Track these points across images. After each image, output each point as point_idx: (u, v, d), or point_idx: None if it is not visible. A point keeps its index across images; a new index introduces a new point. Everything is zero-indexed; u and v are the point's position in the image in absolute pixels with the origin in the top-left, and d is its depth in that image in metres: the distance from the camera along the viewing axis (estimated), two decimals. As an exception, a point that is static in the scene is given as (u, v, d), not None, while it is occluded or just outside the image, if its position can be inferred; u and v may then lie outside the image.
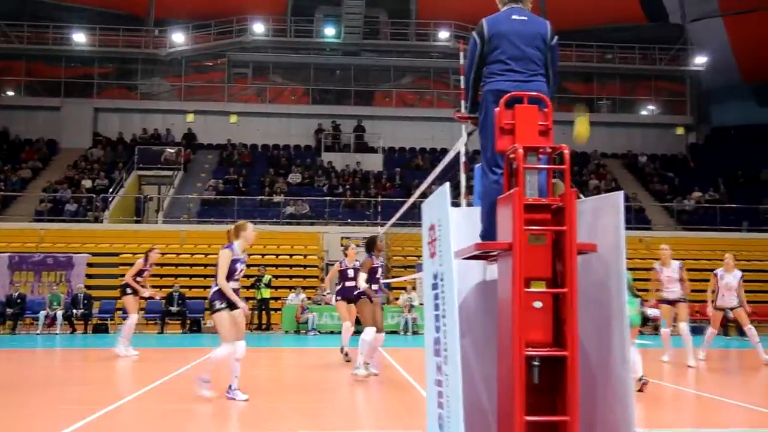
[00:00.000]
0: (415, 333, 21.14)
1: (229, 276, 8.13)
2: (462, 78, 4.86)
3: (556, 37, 4.70)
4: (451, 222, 4.21)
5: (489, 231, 4.42)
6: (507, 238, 4.02)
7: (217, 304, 7.84)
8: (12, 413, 7.53)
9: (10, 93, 34.41)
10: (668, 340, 12.87)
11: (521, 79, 4.46)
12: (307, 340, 19.86)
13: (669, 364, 12.55)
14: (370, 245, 10.96)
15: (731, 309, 12.30)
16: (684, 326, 11.77)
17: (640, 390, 8.47)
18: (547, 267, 4.06)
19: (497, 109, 4.29)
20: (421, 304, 22.56)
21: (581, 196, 4.51)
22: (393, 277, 22.47)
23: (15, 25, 32.42)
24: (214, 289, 8.03)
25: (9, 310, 21.68)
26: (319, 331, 21.43)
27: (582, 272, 4.13)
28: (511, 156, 4.18)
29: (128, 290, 14.12)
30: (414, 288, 22.06)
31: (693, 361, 11.75)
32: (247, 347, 8.34)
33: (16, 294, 22.23)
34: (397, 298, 22.25)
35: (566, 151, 4.17)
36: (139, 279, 14.26)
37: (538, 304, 4.02)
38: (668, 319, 12.83)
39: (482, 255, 4.46)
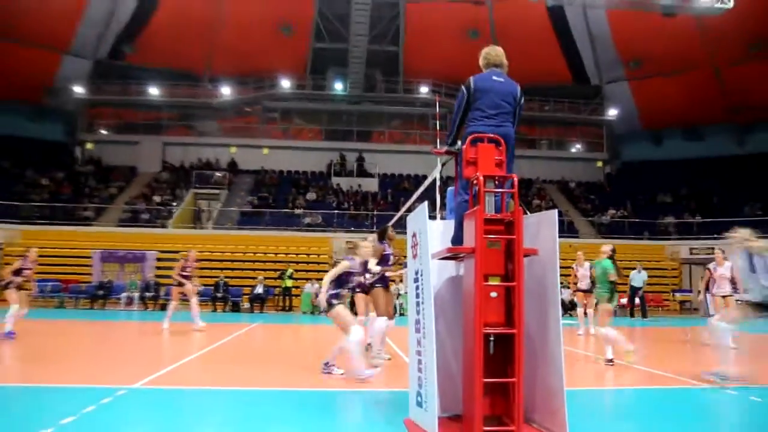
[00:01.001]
0: (401, 315, 21.01)
1: (341, 282, 7.18)
2: (437, 122, 4.84)
3: (523, 97, 4.72)
4: (429, 231, 4.19)
5: (458, 238, 4.40)
6: (471, 244, 4.01)
7: (334, 302, 6.99)
8: (104, 364, 7.50)
9: (104, 131, 34.32)
10: (582, 319, 13.23)
11: (494, 124, 4.46)
12: (320, 319, 19.76)
13: (582, 337, 12.65)
14: (382, 234, 9.16)
15: (723, 297, 11.21)
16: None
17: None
18: (501, 266, 4.06)
19: (465, 146, 4.28)
20: (407, 292, 22.58)
21: (527, 212, 4.49)
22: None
23: (108, 82, 32.38)
24: (331, 292, 7.05)
25: (100, 292, 21.68)
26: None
27: (527, 270, 4.11)
28: (474, 182, 4.16)
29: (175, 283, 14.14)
30: (401, 280, 21.95)
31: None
32: (276, 324, 8.20)
33: (106, 281, 22.19)
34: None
35: (515, 179, 4.17)
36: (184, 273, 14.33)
37: (494, 294, 4.01)
38: (582, 303, 13.38)
39: (453, 256, 4.45)
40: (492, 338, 3.98)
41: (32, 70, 30.22)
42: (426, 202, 4.25)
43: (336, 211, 28.22)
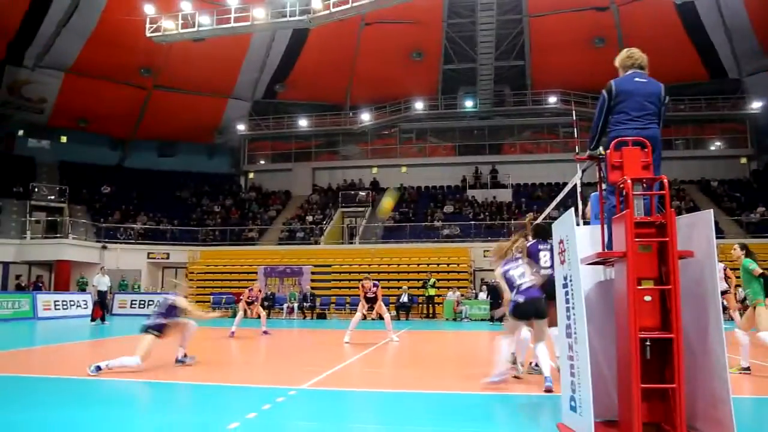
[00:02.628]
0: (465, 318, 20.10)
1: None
2: (575, 129, 4.62)
3: (668, 97, 4.39)
4: (576, 237, 4.00)
5: (608, 243, 4.15)
6: (622, 248, 3.78)
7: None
8: (276, 367, 8.01)
9: (262, 162, 36.86)
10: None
11: (640, 127, 4.17)
12: (462, 325, 19.62)
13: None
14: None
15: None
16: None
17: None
18: (654, 269, 3.78)
19: (609, 150, 4.05)
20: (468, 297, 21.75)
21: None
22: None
23: (264, 118, 34.86)
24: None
25: (265, 303, 23.05)
26: (471, 319, 21.13)
27: (682, 272, 3.79)
28: (621, 186, 3.92)
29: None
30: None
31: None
32: (421, 330, 8.18)
33: (269, 293, 23.61)
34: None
35: (665, 180, 3.87)
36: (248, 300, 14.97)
37: (648, 298, 3.74)
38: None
39: (601, 261, 4.21)
40: (648, 343, 3.70)
41: (204, 115, 33.45)
42: (572, 209, 4.07)
43: (473, 222, 27.97)
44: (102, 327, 16.74)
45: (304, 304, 22.81)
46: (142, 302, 24.06)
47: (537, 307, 5.90)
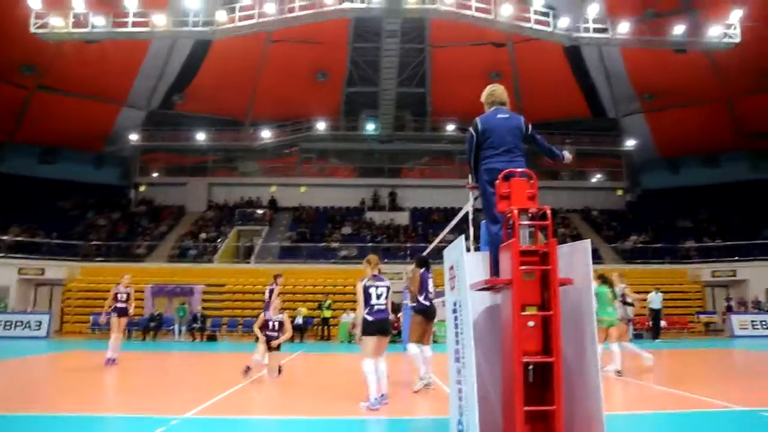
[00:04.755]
0: (434, 342, 20.61)
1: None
2: (471, 156, 4.80)
3: (530, 126, 4.68)
4: (465, 263, 4.10)
5: (494, 269, 4.29)
6: (507, 275, 3.91)
7: None
8: (157, 394, 7.48)
9: (155, 174, 35.08)
10: None
11: (507, 160, 4.45)
12: (356, 348, 19.54)
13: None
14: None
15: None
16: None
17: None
18: (537, 296, 3.94)
19: (498, 181, 4.21)
20: (439, 320, 22.25)
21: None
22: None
23: (159, 129, 33.31)
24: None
25: (152, 324, 21.82)
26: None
27: (563, 298, 3.98)
28: (508, 215, 4.07)
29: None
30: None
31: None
32: (316, 353, 8.08)
33: (156, 313, 22.34)
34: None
35: (548, 211, 4.07)
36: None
37: (531, 324, 3.88)
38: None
39: (489, 287, 4.34)
40: (531, 367, 3.84)
41: (93, 121, 31.33)
42: (462, 237, 4.17)
43: (370, 244, 28.16)
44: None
45: (194, 325, 21.80)
46: (8, 323, 21.88)
47: (383, 327, 6.80)
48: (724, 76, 27.97)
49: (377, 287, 6.85)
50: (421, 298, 8.05)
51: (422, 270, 8.22)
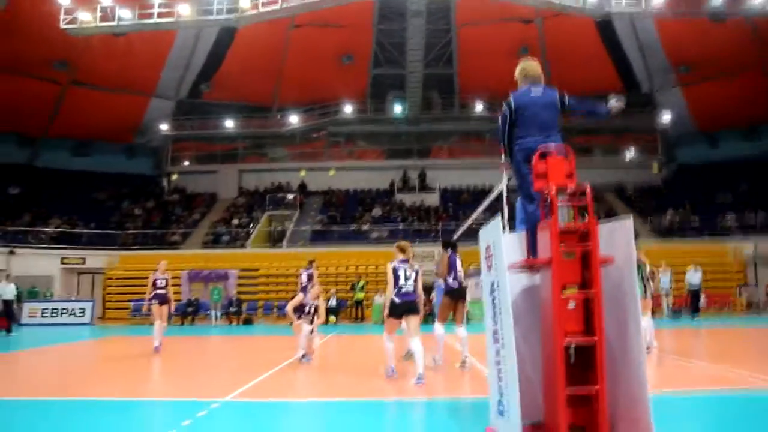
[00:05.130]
0: (468, 321, 20.58)
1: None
2: (504, 137, 4.69)
3: (566, 97, 4.54)
4: (503, 243, 4.04)
5: (532, 249, 4.21)
6: (547, 255, 3.83)
7: None
8: (198, 378, 7.66)
9: (186, 163, 35.57)
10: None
11: (542, 138, 4.33)
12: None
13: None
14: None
15: None
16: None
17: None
18: (578, 275, 3.85)
19: (534, 159, 4.12)
20: (473, 300, 22.10)
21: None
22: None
23: (188, 118, 33.71)
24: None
25: (189, 309, 22.27)
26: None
27: (604, 278, 3.89)
28: (546, 194, 3.98)
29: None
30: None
31: None
32: (350, 334, 8.15)
33: (193, 298, 22.79)
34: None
35: (588, 189, 3.98)
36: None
37: (572, 304, 3.81)
38: None
39: (527, 267, 4.27)
40: (572, 347, 3.77)
41: (124, 113, 31.89)
42: (499, 216, 4.10)
43: (401, 226, 28.17)
44: (8, 339, 15.58)
45: (230, 309, 22.19)
46: (55, 311, 22.61)
47: (409, 307, 7.03)
48: (765, 42, 26.92)
49: (405, 270, 7.10)
50: (450, 280, 8.14)
51: (449, 252, 8.34)
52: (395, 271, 7.07)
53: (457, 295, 8.21)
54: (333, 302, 21.87)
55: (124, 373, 8.70)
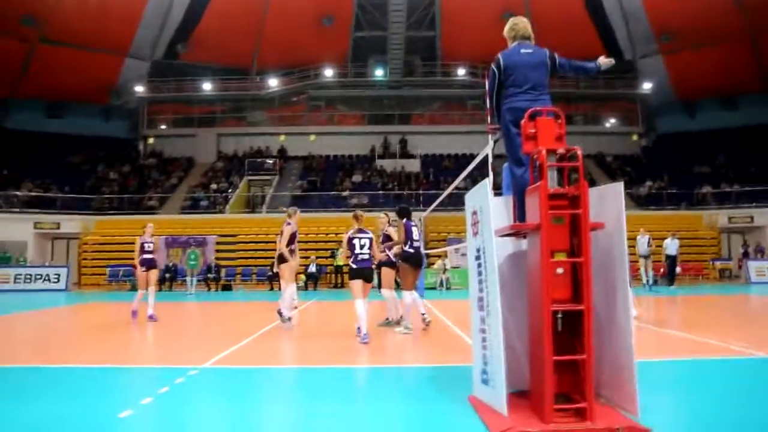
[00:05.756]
0: (448, 289, 20.76)
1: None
2: (481, 101, 4.53)
3: (556, 57, 4.37)
4: (490, 207, 3.89)
5: (520, 214, 4.08)
6: (535, 220, 3.70)
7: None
8: (175, 345, 7.52)
9: (163, 126, 34.80)
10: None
11: (530, 99, 4.17)
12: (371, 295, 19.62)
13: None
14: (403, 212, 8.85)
15: None
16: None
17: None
18: (567, 241, 3.74)
19: (523, 121, 3.95)
20: (454, 267, 22.24)
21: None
22: (431, 248, 22.05)
23: (165, 80, 32.80)
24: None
25: (167, 275, 22.00)
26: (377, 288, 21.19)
27: (593, 244, 3.78)
28: (536, 156, 3.84)
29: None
30: (446, 256, 21.66)
31: None
32: (330, 300, 8.09)
33: (171, 264, 22.51)
34: (433, 264, 21.87)
35: (578, 151, 3.84)
36: (291, 246, 9.60)
37: (560, 270, 3.70)
38: None
39: (514, 233, 4.15)
40: (560, 315, 3.67)
41: (98, 73, 30.87)
42: (487, 180, 3.95)
43: (381, 192, 28.02)
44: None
45: (209, 275, 21.98)
46: (29, 276, 22.19)
47: (365, 274, 7.71)
48: (748, 10, 26.84)
49: (360, 238, 7.67)
50: (406, 247, 8.44)
51: (404, 220, 8.60)
52: (350, 240, 7.63)
53: (414, 260, 8.49)
54: (313, 268, 21.78)
55: (101, 339, 8.52)
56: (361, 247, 7.64)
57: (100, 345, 7.91)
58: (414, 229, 8.51)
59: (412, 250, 8.44)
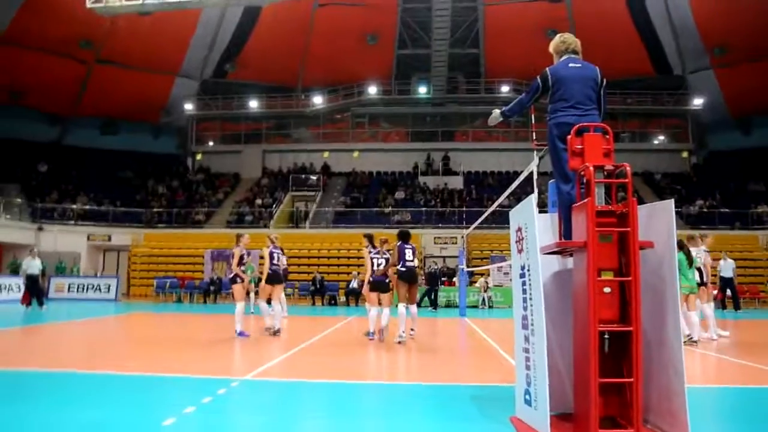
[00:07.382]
0: (490, 307, 20.48)
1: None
2: (532, 117, 4.49)
3: (605, 80, 4.28)
4: (536, 224, 3.83)
5: (566, 232, 4.00)
6: (582, 238, 3.62)
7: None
8: (218, 356, 7.61)
9: (210, 143, 35.74)
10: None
11: (578, 114, 4.07)
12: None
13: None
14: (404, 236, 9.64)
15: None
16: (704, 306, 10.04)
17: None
18: (614, 260, 3.64)
19: (569, 136, 3.88)
20: (496, 285, 21.95)
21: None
22: (474, 266, 21.82)
23: (213, 98, 33.74)
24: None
25: (211, 288, 22.42)
26: (418, 306, 21.07)
27: (642, 263, 3.66)
28: (583, 173, 3.76)
29: (237, 280, 10.74)
30: (488, 274, 21.38)
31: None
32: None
33: (216, 277, 22.93)
34: (475, 282, 21.61)
35: (628, 168, 3.74)
36: (242, 266, 10.79)
37: (607, 290, 3.60)
38: None
39: (560, 250, 4.06)
40: (606, 336, 3.57)
41: (150, 93, 32.05)
42: (533, 196, 3.89)
43: (424, 209, 27.95)
44: (34, 312, 15.83)
45: (255, 289, 22.23)
46: (81, 286, 23.00)
47: (381, 287, 9.59)
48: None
49: (377, 258, 9.60)
50: (399, 266, 9.43)
51: (399, 242, 9.55)
52: (371, 258, 9.55)
53: (407, 278, 9.47)
54: (354, 284, 21.82)
55: (147, 348, 8.72)
56: (378, 264, 9.54)
57: (145, 355, 8.08)
58: (407, 250, 9.49)
59: (404, 269, 9.42)
